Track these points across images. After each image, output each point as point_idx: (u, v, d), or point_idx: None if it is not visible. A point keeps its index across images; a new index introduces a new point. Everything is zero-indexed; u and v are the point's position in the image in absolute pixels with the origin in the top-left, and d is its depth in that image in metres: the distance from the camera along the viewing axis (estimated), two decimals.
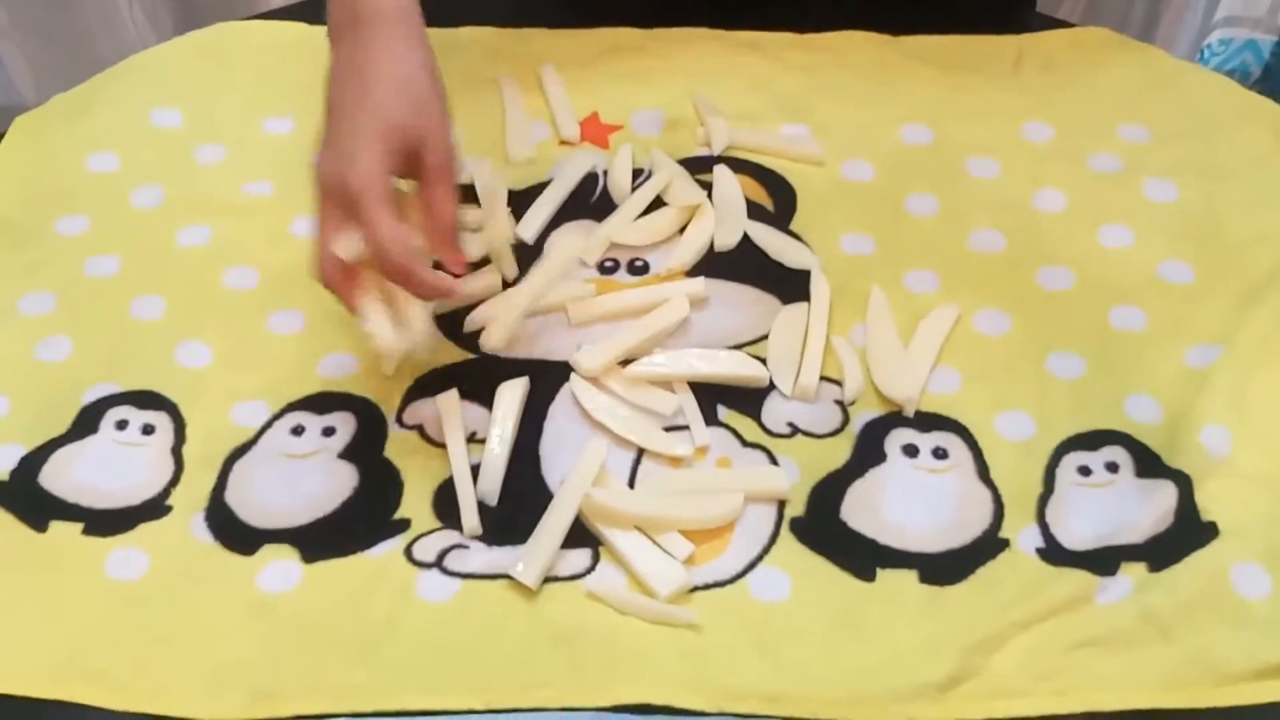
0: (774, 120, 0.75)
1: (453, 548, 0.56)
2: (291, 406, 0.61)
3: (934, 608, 0.54)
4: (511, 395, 0.60)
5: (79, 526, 0.56)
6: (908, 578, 0.55)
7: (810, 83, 0.77)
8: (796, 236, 0.69)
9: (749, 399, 0.61)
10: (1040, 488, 0.58)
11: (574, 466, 0.57)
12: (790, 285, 0.66)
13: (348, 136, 0.56)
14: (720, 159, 0.72)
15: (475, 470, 0.58)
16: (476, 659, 0.52)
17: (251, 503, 0.57)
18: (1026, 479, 0.58)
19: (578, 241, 0.67)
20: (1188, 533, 0.55)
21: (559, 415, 0.61)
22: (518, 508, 0.57)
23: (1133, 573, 0.54)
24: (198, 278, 0.67)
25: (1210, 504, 0.56)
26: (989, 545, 0.56)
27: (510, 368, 0.62)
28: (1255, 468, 0.57)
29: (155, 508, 0.57)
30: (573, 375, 0.62)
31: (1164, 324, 0.64)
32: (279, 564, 0.55)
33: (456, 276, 0.58)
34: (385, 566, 0.55)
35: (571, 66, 0.78)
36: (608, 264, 0.67)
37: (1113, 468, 0.58)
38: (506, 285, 0.65)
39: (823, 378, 0.62)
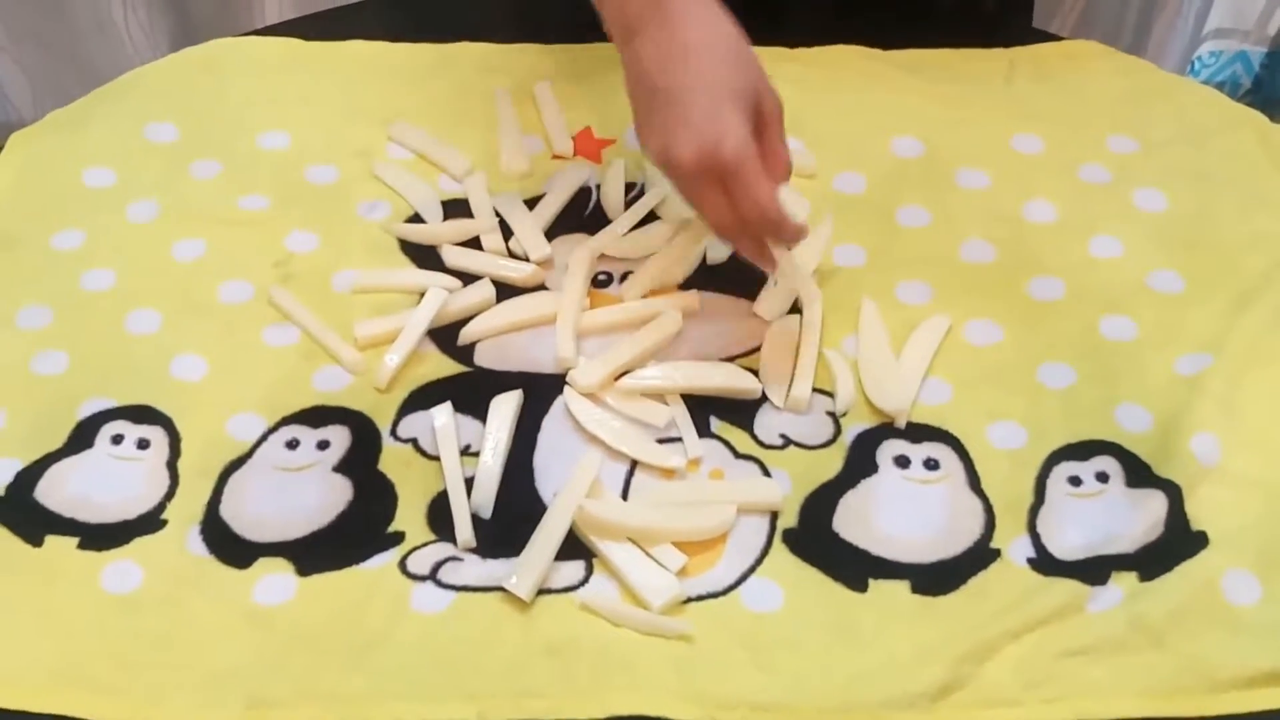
0: None
1: (447, 560, 0.56)
2: (286, 420, 0.61)
3: (926, 617, 0.54)
4: (505, 408, 0.61)
5: (74, 540, 0.56)
6: (900, 588, 0.55)
7: (802, 96, 0.77)
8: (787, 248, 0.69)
9: (741, 411, 0.62)
10: (1031, 498, 0.58)
11: (567, 479, 0.58)
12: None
13: (704, 112, 0.57)
14: None
15: (469, 483, 0.58)
16: (471, 669, 0.52)
17: (246, 516, 0.58)
18: (1017, 489, 0.59)
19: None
20: (1178, 542, 0.56)
21: (552, 428, 0.61)
22: (511, 520, 0.57)
23: (1123, 582, 0.55)
24: (193, 291, 0.67)
25: (1200, 513, 0.57)
26: (980, 555, 0.56)
27: (504, 381, 0.63)
28: (1245, 473, 0.58)
29: (151, 521, 0.57)
30: (566, 388, 0.62)
31: (1154, 333, 0.65)
32: (274, 577, 0.55)
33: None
34: (380, 579, 0.55)
35: (565, 82, 0.78)
36: (601, 277, 0.68)
37: (1103, 478, 0.59)
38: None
39: (814, 389, 0.62)
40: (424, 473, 0.59)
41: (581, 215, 0.71)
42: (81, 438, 0.60)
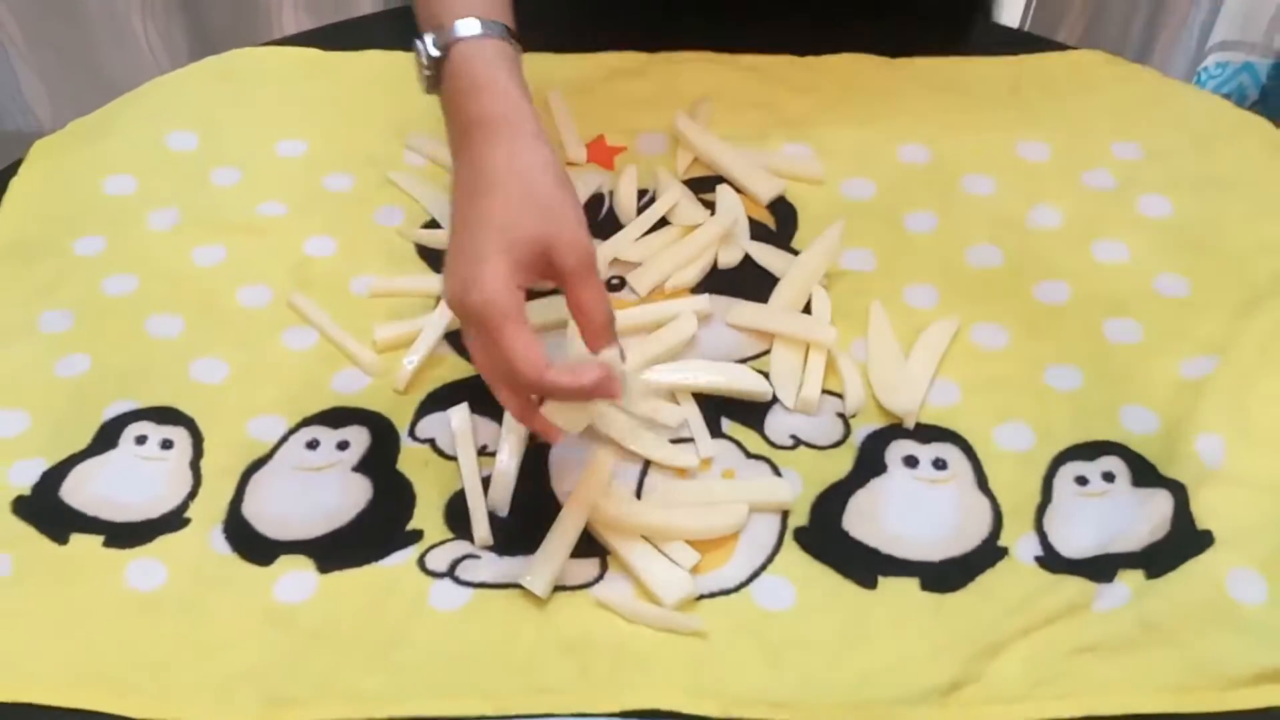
0: (775, 140, 0.76)
1: (464, 558, 0.57)
2: (307, 421, 0.62)
3: (935, 615, 0.55)
4: None
5: (99, 539, 0.57)
6: (909, 586, 0.56)
7: (811, 104, 0.78)
8: (798, 254, 0.70)
9: (752, 412, 0.63)
10: (1038, 497, 0.59)
11: (582, 478, 0.59)
12: None
13: (468, 255, 0.53)
14: (723, 179, 0.74)
15: (486, 482, 0.59)
16: (487, 666, 0.53)
17: (268, 515, 0.59)
18: (1025, 489, 0.59)
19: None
20: (1183, 541, 0.56)
21: None
22: (527, 518, 0.58)
23: (1130, 580, 0.55)
24: (213, 296, 0.68)
25: (1205, 512, 0.57)
26: (988, 554, 0.57)
27: None
28: (1250, 474, 0.58)
29: (174, 520, 0.58)
30: None
31: (1159, 336, 0.65)
32: (295, 574, 0.56)
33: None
34: (399, 576, 0.56)
35: (577, 90, 0.79)
36: (614, 281, 0.69)
37: (1109, 477, 0.60)
38: None
39: (824, 391, 0.63)
40: (441, 472, 0.60)
41: (595, 221, 0.72)
42: (106, 438, 0.61)
